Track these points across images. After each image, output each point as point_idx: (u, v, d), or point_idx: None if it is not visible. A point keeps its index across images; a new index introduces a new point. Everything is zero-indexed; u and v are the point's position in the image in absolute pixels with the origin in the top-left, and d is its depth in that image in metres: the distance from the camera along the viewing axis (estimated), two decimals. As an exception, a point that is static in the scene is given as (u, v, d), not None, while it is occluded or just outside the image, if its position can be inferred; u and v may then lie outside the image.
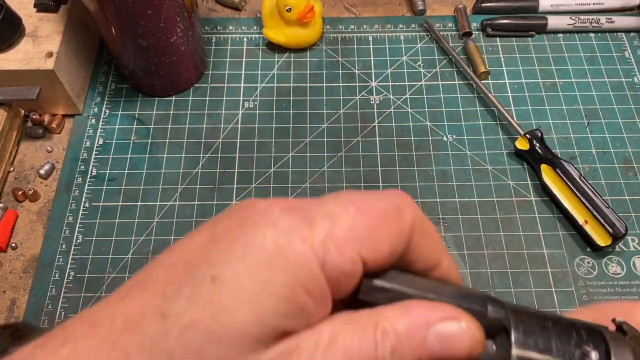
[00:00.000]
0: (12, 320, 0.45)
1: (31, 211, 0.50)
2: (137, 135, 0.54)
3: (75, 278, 0.46)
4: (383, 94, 0.56)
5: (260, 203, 0.20)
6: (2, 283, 0.47)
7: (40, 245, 0.48)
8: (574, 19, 0.59)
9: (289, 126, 0.54)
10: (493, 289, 0.46)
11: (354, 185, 0.50)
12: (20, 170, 0.52)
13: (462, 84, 0.56)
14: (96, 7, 0.46)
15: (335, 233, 0.19)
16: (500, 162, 0.52)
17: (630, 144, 0.52)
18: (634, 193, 0.50)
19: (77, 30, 0.53)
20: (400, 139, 0.53)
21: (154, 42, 0.49)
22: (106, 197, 0.50)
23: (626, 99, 0.55)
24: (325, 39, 0.60)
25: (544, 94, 0.56)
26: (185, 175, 0.51)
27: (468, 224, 0.49)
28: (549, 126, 0.54)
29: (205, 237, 0.20)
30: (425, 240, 0.22)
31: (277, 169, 0.51)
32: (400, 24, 0.60)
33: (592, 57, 0.58)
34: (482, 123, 0.54)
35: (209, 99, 0.56)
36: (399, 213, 0.21)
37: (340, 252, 0.19)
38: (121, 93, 0.56)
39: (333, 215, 0.20)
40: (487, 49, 0.59)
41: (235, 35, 0.60)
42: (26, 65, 0.49)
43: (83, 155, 0.52)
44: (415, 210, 0.22)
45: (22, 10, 0.51)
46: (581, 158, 0.52)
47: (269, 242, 0.19)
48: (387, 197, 0.21)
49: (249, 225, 0.19)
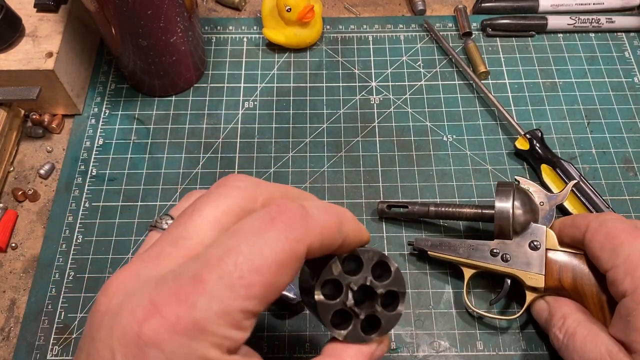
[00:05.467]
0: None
1: (31, 211, 0.50)
2: (137, 135, 0.54)
3: (75, 278, 0.46)
4: (383, 94, 0.56)
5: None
6: (2, 283, 0.47)
7: (40, 245, 0.48)
8: (574, 19, 0.59)
9: (289, 126, 0.54)
10: (493, 288, 0.46)
11: (353, 185, 0.50)
12: (20, 170, 0.52)
13: (462, 84, 0.56)
14: (96, 7, 0.46)
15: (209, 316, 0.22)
16: (500, 162, 0.52)
17: (630, 144, 0.52)
18: (634, 193, 0.50)
19: (77, 30, 0.53)
20: (400, 139, 0.53)
21: (154, 42, 0.49)
22: (106, 197, 0.50)
23: (626, 99, 0.55)
24: (325, 39, 0.60)
25: (544, 94, 0.56)
26: (185, 175, 0.51)
27: (468, 223, 0.49)
28: (549, 126, 0.54)
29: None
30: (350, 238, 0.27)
31: (277, 169, 0.51)
32: (400, 24, 0.60)
33: (592, 57, 0.58)
34: (482, 123, 0.54)
35: (209, 99, 0.56)
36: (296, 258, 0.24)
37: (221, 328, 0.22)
38: (121, 93, 0.56)
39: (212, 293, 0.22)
40: (487, 49, 0.59)
41: (235, 35, 0.60)
42: (26, 65, 0.49)
43: (83, 155, 0.52)
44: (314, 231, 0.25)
45: (22, 10, 0.51)
46: (581, 158, 0.52)
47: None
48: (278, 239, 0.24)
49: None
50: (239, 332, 0.22)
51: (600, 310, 0.38)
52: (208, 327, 0.21)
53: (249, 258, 0.22)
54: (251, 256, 0.22)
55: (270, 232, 0.23)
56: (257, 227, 0.23)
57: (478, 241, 0.43)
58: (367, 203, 0.50)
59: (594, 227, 0.38)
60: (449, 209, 0.46)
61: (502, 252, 0.42)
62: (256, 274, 0.22)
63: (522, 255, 0.41)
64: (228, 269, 0.22)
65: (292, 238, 0.23)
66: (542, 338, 0.43)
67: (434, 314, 0.45)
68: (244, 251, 0.22)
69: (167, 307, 0.21)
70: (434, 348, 0.43)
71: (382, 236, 0.48)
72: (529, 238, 0.42)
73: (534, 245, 0.41)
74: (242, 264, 0.22)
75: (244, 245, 0.23)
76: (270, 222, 0.23)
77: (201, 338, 0.21)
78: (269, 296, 0.23)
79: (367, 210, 0.49)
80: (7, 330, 0.44)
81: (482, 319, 0.44)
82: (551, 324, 0.39)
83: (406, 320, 0.44)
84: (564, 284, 0.40)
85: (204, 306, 0.21)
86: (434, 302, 0.45)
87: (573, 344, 0.36)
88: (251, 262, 0.22)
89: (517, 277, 0.41)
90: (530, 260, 0.41)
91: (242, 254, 0.22)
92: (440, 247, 0.44)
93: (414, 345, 0.43)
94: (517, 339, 0.44)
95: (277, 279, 0.23)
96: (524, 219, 0.42)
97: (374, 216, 0.49)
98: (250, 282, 0.22)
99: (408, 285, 0.46)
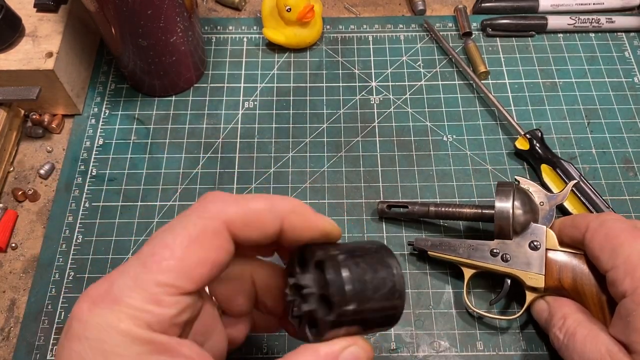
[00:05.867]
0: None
1: (31, 211, 0.50)
2: (137, 135, 0.54)
3: (75, 278, 0.46)
4: (383, 94, 0.56)
5: (76, 310, 0.24)
6: (2, 283, 0.47)
7: (40, 245, 0.48)
8: (574, 19, 0.59)
9: (289, 126, 0.54)
10: (493, 288, 0.46)
11: (353, 185, 0.50)
12: (20, 170, 0.52)
13: (462, 84, 0.56)
14: (96, 7, 0.46)
15: (139, 300, 0.24)
16: (500, 162, 0.52)
17: (630, 144, 0.52)
18: (634, 193, 0.50)
19: (77, 30, 0.53)
20: (400, 139, 0.53)
21: (154, 42, 0.49)
22: (106, 197, 0.50)
23: (626, 99, 0.55)
24: (325, 39, 0.60)
25: (544, 94, 0.56)
26: (185, 175, 0.51)
27: (468, 223, 0.49)
28: (549, 126, 0.54)
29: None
30: (297, 223, 0.28)
31: (277, 169, 0.51)
32: (400, 24, 0.60)
33: (592, 57, 0.58)
34: (482, 123, 0.54)
35: (209, 99, 0.56)
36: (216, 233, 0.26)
37: (158, 304, 0.24)
38: (121, 93, 0.56)
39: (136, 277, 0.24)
40: (487, 49, 0.59)
41: (235, 35, 0.60)
42: (26, 65, 0.49)
43: (83, 155, 0.52)
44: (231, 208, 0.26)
45: (22, 10, 0.51)
46: (581, 158, 0.52)
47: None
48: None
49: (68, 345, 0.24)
50: (159, 308, 0.24)
51: (600, 310, 0.38)
52: (122, 299, 0.24)
53: (162, 238, 0.25)
54: (164, 236, 0.25)
55: (187, 215, 0.26)
56: (182, 214, 0.26)
57: (478, 241, 0.43)
58: (367, 203, 0.50)
59: (594, 227, 0.38)
60: (448, 209, 0.46)
61: (502, 252, 0.42)
62: (166, 248, 0.24)
63: (522, 255, 0.41)
64: (144, 250, 0.25)
65: (205, 216, 0.25)
66: (542, 338, 0.43)
67: (434, 314, 0.45)
68: (160, 234, 0.25)
69: (93, 289, 0.24)
70: (434, 348, 0.43)
71: (382, 236, 0.48)
72: (529, 238, 0.42)
73: (534, 245, 0.41)
74: (156, 244, 0.25)
75: (164, 231, 0.25)
76: (191, 208, 0.26)
77: (115, 309, 0.23)
78: (192, 270, 0.25)
79: (367, 211, 0.49)
80: (7, 330, 0.44)
81: (482, 319, 0.44)
82: (551, 324, 0.39)
83: (406, 320, 0.44)
84: (564, 284, 0.40)
85: (120, 283, 0.24)
86: (434, 302, 0.45)
87: (573, 344, 0.36)
88: (163, 241, 0.25)
89: (517, 277, 0.42)
90: (530, 260, 0.41)
91: (158, 237, 0.25)
92: (440, 247, 0.44)
93: (414, 345, 0.43)
94: (517, 339, 0.44)
95: (193, 253, 0.25)
96: (524, 219, 0.42)
97: (374, 216, 0.49)
98: (161, 256, 0.24)
99: (408, 285, 0.46)
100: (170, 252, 0.25)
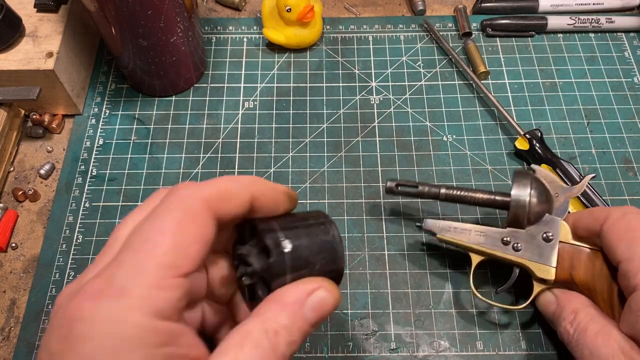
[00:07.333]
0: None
1: (31, 211, 0.50)
2: (137, 135, 0.54)
3: (76, 278, 0.46)
4: (383, 94, 0.56)
5: (73, 304, 0.23)
6: (2, 283, 0.47)
7: (40, 245, 0.48)
8: (574, 19, 0.59)
9: (289, 126, 0.54)
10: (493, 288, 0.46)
11: (353, 185, 0.50)
12: (21, 170, 0.52)
13: (462, 84, 0.56)
14: (96, 7, 0.46)
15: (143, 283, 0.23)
16: (500, 162, 0.52)
17: (630, 144, 0.53)
18: (634, 193, 0.50)
19: (77, 30, 0.53)
20: (400, 139, 0.53)
21: (154, 42, 0.49)
22: (106, 197, 0.50)
23: (626, 99, 0.55)
24: (325, 39, 0.60)
25: (544, 94, 0.56)
26: (185, 175, 0.51)
27: (468, 224, 0.49)
28: (549, 126, 0.54)
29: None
30: (262, 201, 0.28)
31: (277, 169, 0.51)
32: (400, 24, 0.61)
33: (592, 57, 0.58)
34: (482, 123, 0.54)
35: (209, 99, 0.56)
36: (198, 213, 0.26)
37: (161, 291, 0.23)
38: (121, 93, 0.56)
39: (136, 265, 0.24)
40: (487, 49, 0.59)
41: (235, 35, 0.60)
42: (26, 65, 0.49)
43: (83, 155, 0.52)
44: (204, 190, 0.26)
45: (22, 10, 0.51)
46: (581, 158, 0.52)
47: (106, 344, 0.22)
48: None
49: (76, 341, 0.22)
50: (164, 292, 0.24)
51: (610, 306, 0.38)
52: (127, 289, 0.23)
53: (151, 225, 0.25)
54: (152, 222, 0.25)
55: (164, 203, 0.26)
56: (159, 204, 0.26)
57: (489, 228, 0.42)
58: (367, 203, 0.50)
59: (615, 217, 0.37)
60: (460, 193, 0.43)
61: (513, 241, 0.41)
62: (158, 232, 0.24)
63: (534, 245, 0.41)
64: (136, 240, 0.25)
65: (184, 199, 0.26)
66: (543, 338, 0.43)
67: (434, 314, 0.45)
68: (144, 225, 0.25)
69: (89, 285, 0.23)
70: (434, 348, 0.43)
71: (382, 236, 0.48)
72: (543, 229, 0.41)
73: (546, 237, 0.40)
74: (147, 232, 0.25)
75: (148, 221, 0.25)
76: (163, 200, 0.26)
77: (122, 301, 0.22)
78: (187, 248, 0.25)
79: (367, 210, 0.49)
80: (7, 330, 0.45)
81: (483, 315, 0.44)
82: (561, 317, 0.39)
83: (406, 320, 0.44)
84: (574, 278, 0.39)
85: (122, 274, 0.23)
86: (434, 302, 0.45)
87: (584, 339, 0.36)
88: (151, 228, 0.25)
89: (527, 267, 0.41)
90: (542, 251, 0.40)
91: (143, 227, 0.25)
92: (450, 230, 0.43)
93: (414, 345, 0.43)
94: (517, 338, 0.44)
95: (185, 232, 0.25)
96: (539, 209, 0.41)
97: (374, 216, 0.49)
98: (156, 241, 0.24)
99: (408, 285, 0.46)
100: (162, 235, 0.24)
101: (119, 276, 0.23)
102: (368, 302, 0.45)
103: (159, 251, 0.24)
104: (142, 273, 0.23)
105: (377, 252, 0.47)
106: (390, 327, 0.44)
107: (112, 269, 0.24)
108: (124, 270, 0.23)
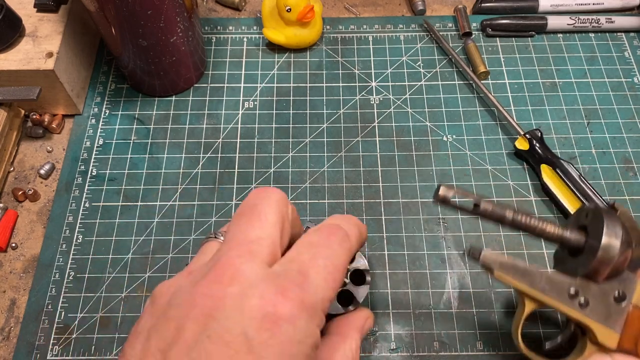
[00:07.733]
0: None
1: (31, 211, 0.50)
2: (137, 135, 0.54)
3: (75, 278, 0.46)
4: (383, 94, 0.56)
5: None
6: (2, 283, 0.47)
7: (40, 245, 0.48)
8: (574, 19, 0.59)
9: (289, 126, 0.54)
10: (493, 288, 0.46)
11: (353, 185, 0.50)
12: (20, 170, 0.52)
13: (462, 84, 0.56)
14: (96, 7, 0.46)
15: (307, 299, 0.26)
16: (500, 162, 0.52)
17: (630, 144, 0.53)
18: (634, 193, 0.50)
19: (77, 30, 0.53)
20: (400, 139, 0.53)
21: (154, 42, 0.49)
22: (106, 197, 0.50)
23: (626, 99, 0.55)
24: (325, 39, 0.60)
25: (544, 94, 0.56)
26: (185, 175, 0.51)
27: (468, 224, 0.49)
28: (549, 126, 0.54)
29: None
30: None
31: (277, 169, 0.51)
32: (400, 24, 0.61)
33: (592, 57, 0.58)
34: (482, 123, 0.54)
35: (209, 99, 0.56)
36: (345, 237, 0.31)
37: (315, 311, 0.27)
38: (121, 93, 0.56)
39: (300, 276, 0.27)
40: (487, 49, 0.59)
41: (235, 35, 0.60)
42: (26, 65, 0.49)
43: (83, 155, 0.52)
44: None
45: (22, 10, 0.51)
46: (581, 158, 0.52)
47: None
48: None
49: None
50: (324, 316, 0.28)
51: None
52: (318, 309, 0.26)
53: (331, 261, 0.28)
54: (331, 259, 0.28)
55: (334, 245, 0.29)
56: (323, 240, 0.29)
57: (559, 275, 0.34)
58: (367, 203, 0.50)
59: None
60: (529, 221, 0.34)
61: (582, 295, 0.33)
62: (337, 271, 0.28)
63: (603, 305, 0.33)
64: (320, 267, 0.28)
65: (347, 247, 0.30)
66: (543, 338, 0.43)
67: (434, 314, 0.45)
68: (325, 255, 0.28)
69: (291, 293, 0.26)
70: (434, 348, 0.43)
71: (382, 236, 0.48)
72: (616, 286, 0.33)
73: (619, 296, 0.33)
74: (328, 265, 0.28)
75: (324, 251, 0.29)
76: (328, 237, 0.30)
77: (314, 318, 0.26)
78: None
79: (367, 210, 0.49)
80: (7, 330, 0.45)
81: (483, 316, 0.44)
82: None
83: (406, 320, 0.44)
84: None
85: (313, 292, 0.26)
86: (434, 302, 0.45)
87: None
88: (333, 264, 0.28)
89: (589, 328, 0.34)
90: (610, 312, 0.33)
91: (325, 257, 0.28)
92: (513, 270, 0.34)
93: (414, 345, 0.43)
94: (517, 339, 0.44)
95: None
96: (623, 261, 0.33)
97: (374, 216, 0.49)
98: (335, 277, 0.28)
99: (408, 285, 0.46)
100: (339, 274, 0.28)
101: (311, 293, 0.27)
102: (368, 303, 0.45)
103: (335, 286, 0.29)
104: (324, 298, 0.27)
105: (377, 252, 0.47)
106: (390, 327, 0.44)
107: (302, 280, 0.27)
108: (313, 289, 0.27)
